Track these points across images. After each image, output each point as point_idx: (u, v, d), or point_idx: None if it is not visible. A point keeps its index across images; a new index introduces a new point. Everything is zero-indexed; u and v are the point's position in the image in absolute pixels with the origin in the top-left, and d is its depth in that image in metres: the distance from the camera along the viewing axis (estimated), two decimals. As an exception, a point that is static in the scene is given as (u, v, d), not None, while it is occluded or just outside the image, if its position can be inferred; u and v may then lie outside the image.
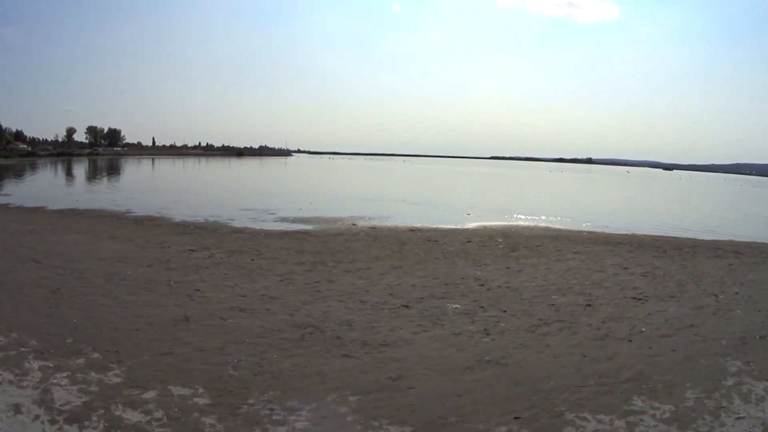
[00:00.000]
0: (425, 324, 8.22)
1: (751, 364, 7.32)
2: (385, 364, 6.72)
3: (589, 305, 10.31)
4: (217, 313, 8.27)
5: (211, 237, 16.15)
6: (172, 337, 7.32)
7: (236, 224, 19.48)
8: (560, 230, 22.18)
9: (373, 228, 19.02)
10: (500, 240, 18.26)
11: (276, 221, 20.76)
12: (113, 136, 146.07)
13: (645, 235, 21.31)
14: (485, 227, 21.54)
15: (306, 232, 17.64)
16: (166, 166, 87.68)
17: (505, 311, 9.46)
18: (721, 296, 11.20)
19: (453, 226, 20.90)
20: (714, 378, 6.78)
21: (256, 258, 12.85)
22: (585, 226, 23.48)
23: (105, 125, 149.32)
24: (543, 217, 25.75)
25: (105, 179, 51.02)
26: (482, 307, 9.46)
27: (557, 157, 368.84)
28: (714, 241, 20.38)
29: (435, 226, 20.48)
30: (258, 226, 19.25)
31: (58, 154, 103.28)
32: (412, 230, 18.99)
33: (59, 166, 74.50)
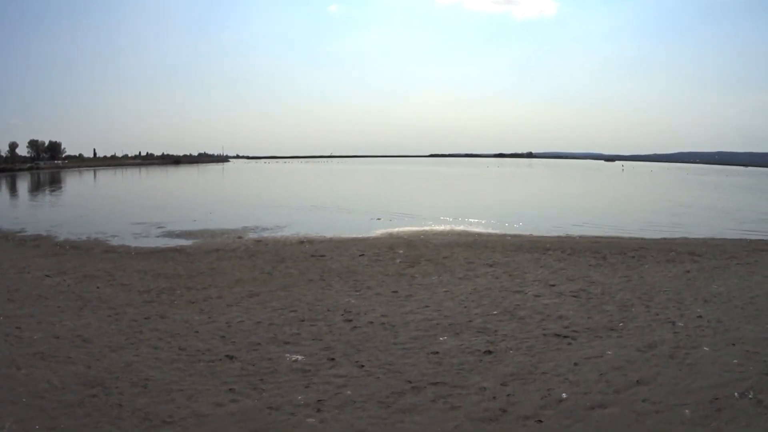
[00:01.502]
0: (241, 388, 6.47)
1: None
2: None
3: (489, 352, 7.51)
4: (18, 360, 7.44)
5: (77, 259, 15.68)
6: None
7: (114, 242, 19.30)
8: (479, 235, 20.19)
9: (259, 241, 18.21)
10: (401, 251, 15.99)
11: (159, 236, 20.68)
12: (54, 149, 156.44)
13: (582, 237, 19.33)
14: (390, 235, 20.04)
15: (179, 250, 16.86)
16: (99, 178, 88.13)
17: (362, 366, 7.08)
18: (680, 323, 8.66)
19: (353, 236, 19.58)
20: None
21: (104, 285, 12.07)
22: (514, 227, 22.47)
23: (49, 138, 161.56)
24: (468, 219, 24.82)
25: (28, 195, 52.36)
26: (332, 359, 7.26)
27: (497, 152, 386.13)
28: (664, 241, 18.62)
29: (331, 237, 19.41)
30: (136, 243, 19.04)
31: (1, 170, 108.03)
32: (302, 242, 17.84)
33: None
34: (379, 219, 24.83)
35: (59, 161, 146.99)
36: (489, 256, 15.32)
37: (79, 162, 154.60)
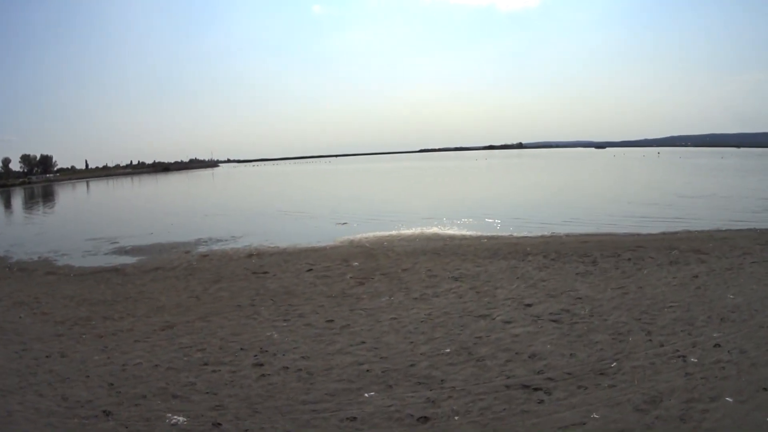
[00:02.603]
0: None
1: None
2: None
3: (425, 418, 5.68)
4: None
5: (18, 282, 15.04)
6: None
7: (61, 262, 18.41)
8: (452, 238, 18.30)
9: (205, 256, 17.14)
10: (355, 264, 14.27)
11: (107, 253, 19.73)
12: (45, 162, 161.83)
13: (569, 236, 17.41)
14: (351, 243, 18.47)
15: (118, 270, 15.94)
16: (82, 191, 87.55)
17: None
18: (693, 358, 6.75)
19: (310, 245, 18.33)
20: None
21: (27, 314, 11.32)
22: (493, 227, 21.03)
23: (42, 152, 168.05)
24: (444, 220, 23.35)
25: (12, 212, 51.15)
26: (218, 425, 5.76)
27: (487, 144, 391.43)
28: (664, 236, 16.71)
29: (285, 247, 18.13)
30: (81, 262, 18.14)
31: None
32: (251, 256, 16.71)
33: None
34: (345, 224, 23.76)
35: (51, 175, 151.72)
36: (457, 266, 13.37)
37: (71, 174, 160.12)
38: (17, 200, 69.55)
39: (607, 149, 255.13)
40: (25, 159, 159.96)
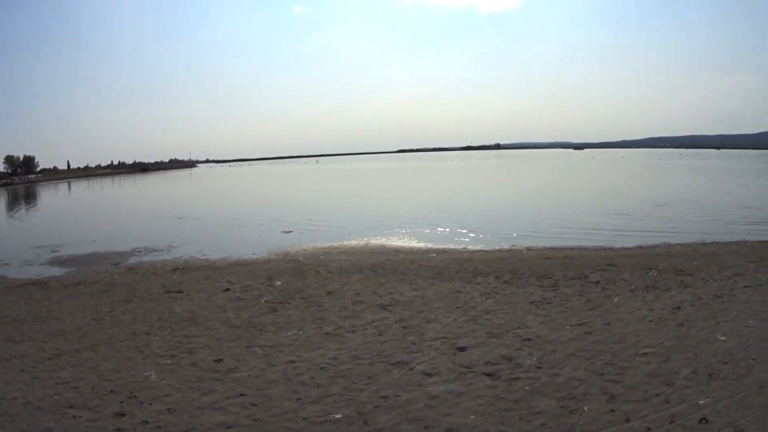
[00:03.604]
0: None
1: None
2: None
3: None
4: None
5: None
6: None
7: None
8: (397, 252, 16.70)
9: (131, 269, 16.38)
10: (279, 283, 12.79)
11: (43, 263, 18.80)
12: (28, 163, 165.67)
13: (530, 250, 15.66)
14: (285, 255, 17.13)
15: (42, 284, 14.96)
16: (56, 193, 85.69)
17: None
18: None
19: (242, 258, 17.22)
20: None
21: None
22: (449, 237, 19.62)
23: (25, 153, 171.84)
24: (396, 229, 22.12)
25: None
26: None
27: (465, 145, 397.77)
28: (640, 251, 15.03)
29: (215, 259, 17.22)
30: (13, 274, 17.18)
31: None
32: (175, 270, 15.88)
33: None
34: (290, 232, 22.82)
35: (33, 176, 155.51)
36: (391, 289, 11.58)
37: (53, 175, 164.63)
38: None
39: (586, 150, 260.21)
40: (9, 160, 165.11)
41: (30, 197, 73.84)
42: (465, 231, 20.65)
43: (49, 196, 77.28)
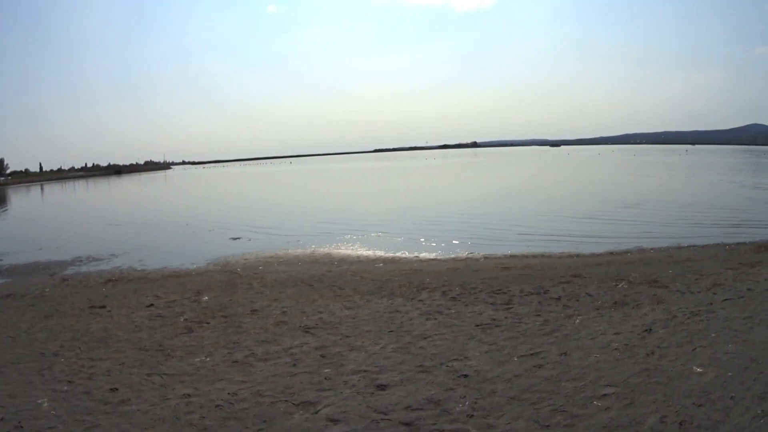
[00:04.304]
0: None
1: None
2: None
3: None
4: None
5: None
6: None
7: None
8: (342, 260, 15.75)
9: (65, 281, 15.70)
10: (206, 298, 11.97)
11: None
12: None
13: (488, 258, 14.57)
14: (225, 265, 16.42)
15: None
16: (31, 195, 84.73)
17: None
18: None
19: (179, 269, 16.52)
20: None
21: None
22: (402, 244, 18.60)
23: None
24: (348, 235, 21.41)
25: None
26: None
27: (442, 144, 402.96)
28: (610, 257, 13.96)
29: (150, 271, 16.47)
30: None
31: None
32: (109, 281, 15.30)
33: None
34: (238, 239, 22.23)
35: (2, 178, 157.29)
36: (322, 306, 10.44)
37: (23, 177, 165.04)
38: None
39: (562, 147, 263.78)
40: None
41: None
42: (422, 237, 19.63)
43: (12, 200, 75.59)
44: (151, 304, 11.66)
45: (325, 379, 6.76)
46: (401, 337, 8.20)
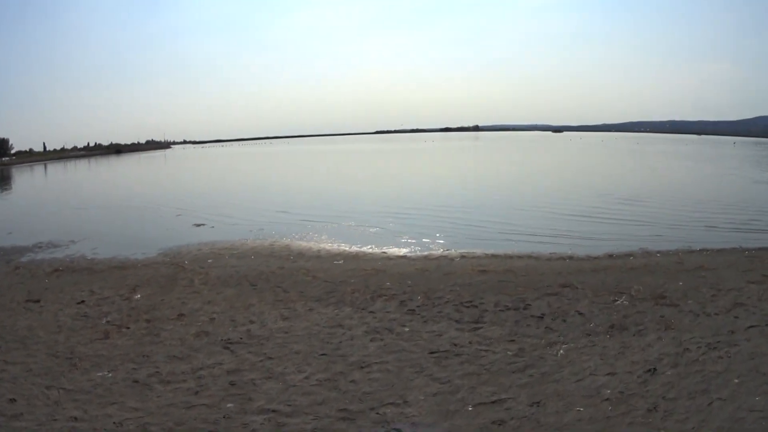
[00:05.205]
0: None
1: None
2: None
3: None
4: None
5: None
6: None
7: None
8: (300, 255, 14.79)
9: (16, 269, 15.42)
10: (139, 296, 11.42)
11: None
12: (2, 145, 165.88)
13: (464, 257, 13.02)
14: (175, 256, 15.70)
15: None
16: (23, 176, 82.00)
17: None
18: None
19: (127, 259, 15.96)
20: None
21: None
22: (372, 237, 17.30)
23: (0, 135, 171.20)
24: (320, 223, 20.54)
25: None
26: None
27: (443, 126, 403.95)
28: (609, 262, 12.38)
29: (99, 261, 15.89)
30: None
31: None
32: (56, 271, 14.92)
33: None
34: (201, 225, 21.80)
35: (7, 158, 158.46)
36: (257, 313, 9.36)
37: (27, 157, 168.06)
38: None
39: (565, 133, 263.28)
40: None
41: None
42: (397, 229, 18.49)
43: (18, 181, 75.00)
44: (82, 301, 11.20)
45: (224, 417, 5.75)
46: (333, 363, 6.64)
